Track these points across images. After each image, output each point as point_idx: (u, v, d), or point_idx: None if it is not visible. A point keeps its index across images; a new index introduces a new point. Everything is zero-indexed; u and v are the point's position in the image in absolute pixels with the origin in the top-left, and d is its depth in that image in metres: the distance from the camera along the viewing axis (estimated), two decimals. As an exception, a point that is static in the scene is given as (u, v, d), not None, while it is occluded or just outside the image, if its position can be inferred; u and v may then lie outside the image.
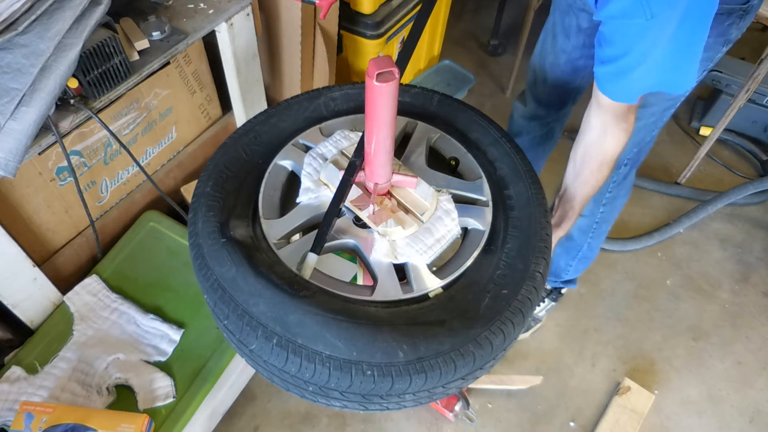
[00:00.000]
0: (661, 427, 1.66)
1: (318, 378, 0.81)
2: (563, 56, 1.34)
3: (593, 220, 1.55)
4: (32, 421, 1.14)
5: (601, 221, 1.56)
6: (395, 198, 1.00)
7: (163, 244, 1.54)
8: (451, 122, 1.15)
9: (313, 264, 0.91)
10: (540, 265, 0.94)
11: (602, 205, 1.51)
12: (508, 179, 1.05)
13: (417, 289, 0.91)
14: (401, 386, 0.81)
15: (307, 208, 1.00)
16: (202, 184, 1.00)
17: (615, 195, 1.49)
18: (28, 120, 1.00)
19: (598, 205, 1.50)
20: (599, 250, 1.68)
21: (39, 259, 1.40)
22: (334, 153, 1.05)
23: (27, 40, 1.01)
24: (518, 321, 0.88)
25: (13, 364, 1.28)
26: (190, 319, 1.39)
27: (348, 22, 1.87)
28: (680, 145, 2.42)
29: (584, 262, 1.70)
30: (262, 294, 0.84)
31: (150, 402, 1.25)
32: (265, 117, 1.13)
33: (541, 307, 1.83)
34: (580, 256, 1.65)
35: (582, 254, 1.65)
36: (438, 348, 0.82)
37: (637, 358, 1.78)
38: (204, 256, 0.90)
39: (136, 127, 1.51)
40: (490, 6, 2.93)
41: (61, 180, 1.38)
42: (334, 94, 1.17)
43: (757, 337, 1.85)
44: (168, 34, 1.27)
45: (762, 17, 1.68)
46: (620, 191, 1.50)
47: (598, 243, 1.64)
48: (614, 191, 1.48)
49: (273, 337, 0.81)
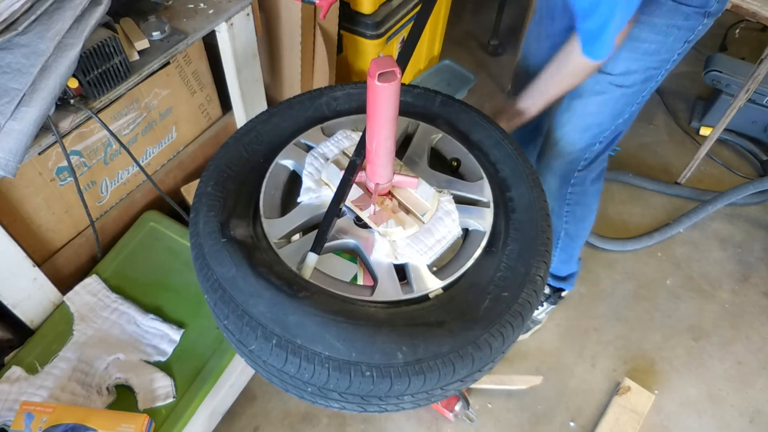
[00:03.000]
0: (661, 427, 1.66)
1: (317, 379, 0.81)
2: (548, 42, 1.34)
3: (561, 212, 1.53)
4: (32, 421, 1.14)
5: (570, 214, 1.53)
6: (396, 198, 1.00)
7: (163, 244, 1.53)
8: (453, 123, 1.15)
9: (313, 264, 0.91)
10: (541, 269, 0.93)
11: (568, 193, 1.48)
12: (510, 181, 1.05)
13: (417, 290, 0.91)
14: (400, 387, 0.81)
15: (308, 207, 1.00)
16: (204, 183, 1.00)
17: (581, 194, 1.48)
18: (28, 120, 0.99)
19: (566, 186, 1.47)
20: (581, 242, 1.65)
21: (39, 259, 1.39)
22: (335, 153, 1.05)
23: (27, 40, 1.00)
24: (518, 324, 0.88)
25: (13, 364, 1.28)
26: (190, 319, 1.39)
27: (348, 22, 1.87)
28: (680, 145, 2.42)
29: (566, 253, 1.66)
30: (262, 294, 0.84)
31: (150, 402, 1.25)
32: (266, 116, 1.13)
33: (541, 309, 1.82)
34: (560, 247, 1.63)
35: (561, 241, 1.62)
36: (437, 349, 0.82)
37: (637, 358, 1.79)
38: (205, 256, 0.90)
39: (136, 127, 1.51)
40: (490, 6, 2.93)
41: (61, 180, 1.37)
42: (336, 94, 1.17)
43: (757, 337, 1.85)
44: (168, 34, 1.27)
45: (762, 17, 1.68)
46: (586, 197, 1.49)
47: (577, 233, 1.61)
48: (577, 195, 1.47)
49: (272, 338, 0.81)
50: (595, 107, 1.29)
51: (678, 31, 1.12)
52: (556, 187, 1.47)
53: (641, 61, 1.18)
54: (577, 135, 1.36)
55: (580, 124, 1.34)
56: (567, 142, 1.38)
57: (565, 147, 1.39)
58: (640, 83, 1.23)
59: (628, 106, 1.28)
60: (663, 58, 1.18)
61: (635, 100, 1.27)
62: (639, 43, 1.14)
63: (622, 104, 1.27)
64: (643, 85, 1.23)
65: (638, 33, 1.12)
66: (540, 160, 1.50)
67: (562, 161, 1.41)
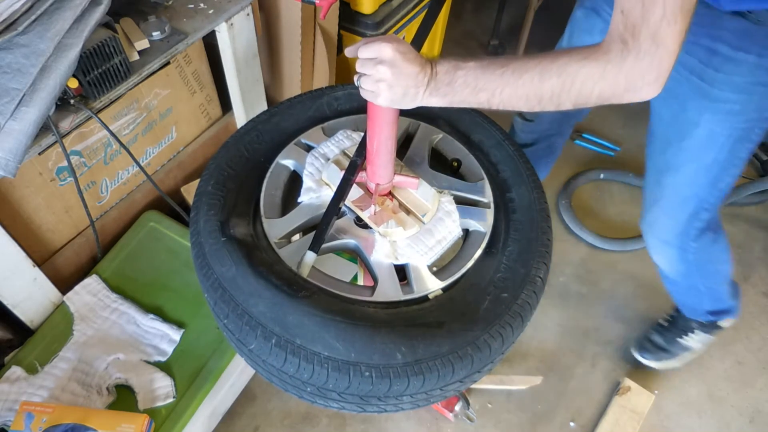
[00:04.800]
0: (661, 427, 1.66)
1: (316, 379, 0.81)
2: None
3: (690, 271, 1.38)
4: (32, 421, 1.13)
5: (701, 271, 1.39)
6: (396, 199, 1.00)
7: (163, 244, 1.53)
8: (454, 124, 1.15)
9: (311, 262, 0.91)
10: (540, 270, 0.93)
11: (691, 259, 1.33)
12: (510, 182, 1.05)
13: (417, 290, 0.91)
14: (399, 388, 0.81)
15: (309, 207, 1.00)
16: (204, 182, 1.00)
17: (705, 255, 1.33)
18: (28, 120, 0.99)
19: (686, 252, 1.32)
20: (725, 286, 1.49)
21: (39, 259, 1.39)
22: (336, 153, 1.05)
23: (27, 40, 1.00)
24: (517, 325, 0.88)
25: (13, 364, 1.28)
26: (190, 319, 1.39)
27: (348, 22, 1.86)
28: (680, 145, 2.42)
29: (713, 296, 1.50)
30: (262, 294, 0.84)
31: (150, 402, 1.25)
32: (267, 116, 1.13)
33: (695, 338, 1.65)
34: (704, 291, 1.48)
35: (703, 290, 1.47)
36: (436, 350, 0.82)
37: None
38: (205, 255, 0.90)
39: (136, 127, 1.51)
40: (490, 6, 2.93)
41: (61, 180, 1.37)
42: (337, 94, 1.17)
43: (757, 337, 1.85)
44: (168, 34, 1.27)
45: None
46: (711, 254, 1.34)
47: (717, 281, 1.45)
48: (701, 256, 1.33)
49: (272, 338, 0.82)
50: (687, 178, 1.15)
51: (764, 88, 0.98)
52: (675, 257, 1.35)
53: (726, 123, 1.04)
54: (676, 210, 1.23)
55: (675, 199, 1.22)
56: (667, 218, 1.27)
57: (668, 224, 1.28)
58: (731, 144, 1.08)
59: (723, 171, 1.13)
60: (751, 117, 1.04)
61: (732, 164, 1.12)
62: (720, 104, 1.02)
63: (717, 171, 1.12)
64: (735, 146, 1.08)
65: (717, 93, 1.00)
66: (648, 234, 1.38)
67: (671, 234, 1.30)
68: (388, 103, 0.80)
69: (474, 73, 0.79)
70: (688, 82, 1.04)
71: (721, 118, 1.04)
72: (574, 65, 0.74)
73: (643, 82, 0.73)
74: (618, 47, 0.72)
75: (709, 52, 0.98)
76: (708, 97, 1.02)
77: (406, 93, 0.79)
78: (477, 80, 0.79)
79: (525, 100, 0.78)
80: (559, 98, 0.77)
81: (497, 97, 0.79)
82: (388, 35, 0.87)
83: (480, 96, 0.79)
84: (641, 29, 0.70)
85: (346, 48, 0.83)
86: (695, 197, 1.19)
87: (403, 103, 0.81)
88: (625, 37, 0.71)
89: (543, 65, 0.76)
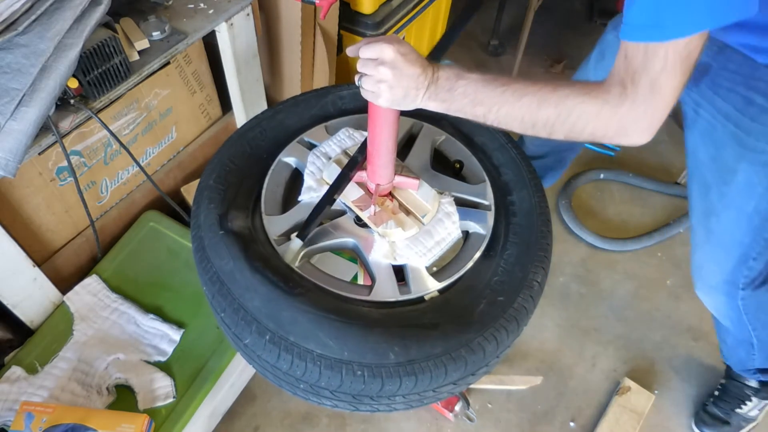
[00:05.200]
0: (661, 427, 1.66)
1: (309, 376, 0.81)
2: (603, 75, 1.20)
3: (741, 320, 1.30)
4: (32, 421, 1.14)
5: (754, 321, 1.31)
6: (397, 199, 1.00)
7: (163, 244, 1.53)
8: (458, 125, 1.14)
9: (296, 248, 0.91)
10: (538, 274, 0.93)
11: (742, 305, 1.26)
12: (512, 185, 1.05)
13: (414, 291, 0.91)
14: (391, 388, 0.81)
15: (309, 206, 1.00)
16: (206, 176, 1.00)
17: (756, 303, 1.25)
18: (28, 120, 0.99)
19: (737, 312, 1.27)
20: None
21: (39, 259, 1.39)
22: (337, 152, 1.05)
23: (27, 40, 1.00)
24: (512, 328, 0.88)
25: (13, 364, 1.28)
26: (190, 319, 1.39)
27: (348, 22, 1.86)
28: (680, 145, 2.40)
29: (765, 350, 1.41)
30: (258, 289, 0.85)
31: (150, 402, 1.25)
32: (272, 113, 1.13)
33: (752, 405, 1.56)
34: (755, 345, 1.39)
35: (755, 344, 1.38)
36: (429, 351, 0.82)
37: (637, 358, 1.78)
38: (205, 248, 0.90)
39: (136, 127, 1.51)
40: (490, 6, 2.92)
41: (61, 180, 1.37)
42: (342, 93, 1.17)
43: (756, 338, 1.85)
44: (168, 34, 1.27)
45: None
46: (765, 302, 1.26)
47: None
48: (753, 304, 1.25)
49: (266, 333, 0.82)
50: (729, 225, 1.11)
51: None
52: (723, 303, 1.28)
53: (763, 174, 1.01)
54: (720, 256, 1.18)
55: (719, 245, 1.16)
56: (713, 263, 1.21)
57: (713, 270, 1.22)
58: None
59: (767, 221, 1.08)
60: None
61: None
62: (757, 154, 0.99)
63: (759, 221, 1.08)
64: None
65: (754, 143, 0.99)
66: (696, 276, 1.31)
67: (717, 280, 1.23)
68: (388, 103, 0.81)
69: (475, 86, 0.80)
70: (724, 128, 1.02)
71: (759, 170, 1.02)
72: (573, 99, 0.75)
73: (634, 128, 0.74)
74: (617, 90, 0.73)
75: (745, 100, 0.97)
76: (745, 145, 1.00)
77: (406, 94, 0.80)
78: (477, 93, 0.80)
79: (520, 122, 0.79)
80: (552, 127, 0.78)
81: (494, 113, 0.80)
82: (390, 36, 0.87)
83: (477, 109, 0.80)
84: (641, 76, 0.71)
85: (348, 47, 0.84)
86: (740, 245, 1.13)
87: (403, 104, 0.82)
88: (625, 81, 0.72)
89: (543, 92, 0.77)
